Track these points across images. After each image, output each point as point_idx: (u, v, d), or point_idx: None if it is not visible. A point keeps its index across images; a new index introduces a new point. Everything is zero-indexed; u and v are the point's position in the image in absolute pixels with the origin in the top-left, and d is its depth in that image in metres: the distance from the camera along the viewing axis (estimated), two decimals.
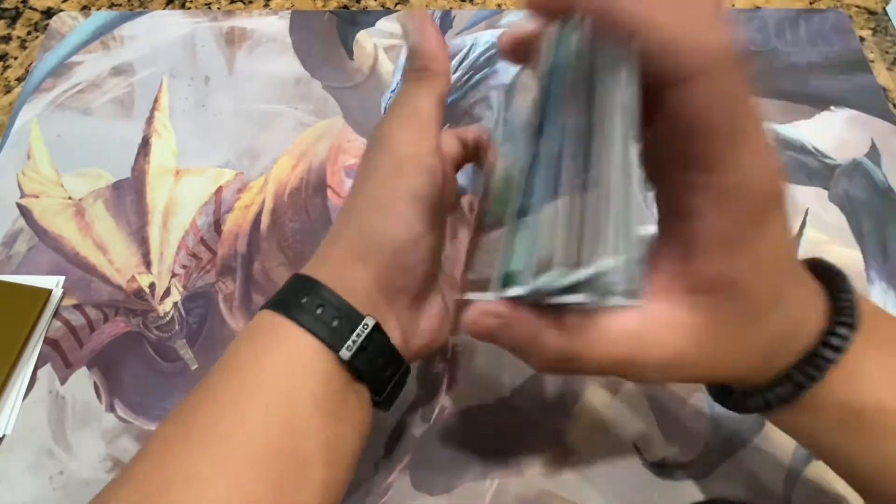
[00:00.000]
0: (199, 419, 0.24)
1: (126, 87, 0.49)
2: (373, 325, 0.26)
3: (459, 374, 0.38)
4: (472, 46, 0.50)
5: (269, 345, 0.26)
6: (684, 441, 0.36)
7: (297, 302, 0.26)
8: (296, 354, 0.25)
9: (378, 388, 0.27)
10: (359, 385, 0.26)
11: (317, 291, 0.26)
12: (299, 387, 0.25)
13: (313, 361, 0.25)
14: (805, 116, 0.47)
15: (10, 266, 0.42)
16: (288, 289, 0.27)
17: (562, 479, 0.35)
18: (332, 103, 0.48)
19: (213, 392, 0.25)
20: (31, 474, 0.35)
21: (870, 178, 0.44)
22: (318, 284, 0.26)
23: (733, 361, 0.22)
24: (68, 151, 0.46)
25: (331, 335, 0.25)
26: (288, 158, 0.46)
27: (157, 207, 0.44)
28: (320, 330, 0.25)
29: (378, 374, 0.27)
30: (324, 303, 0.26)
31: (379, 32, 0.51)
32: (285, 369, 0.25)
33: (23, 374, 0.38)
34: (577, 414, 0.37)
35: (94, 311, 0.40)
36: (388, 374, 0.27)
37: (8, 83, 0.50)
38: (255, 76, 0.49)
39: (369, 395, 0.27)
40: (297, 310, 0.26)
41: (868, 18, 0.53)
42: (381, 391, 0.27)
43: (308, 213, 0.44)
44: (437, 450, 0.36)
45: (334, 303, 0.26)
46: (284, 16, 0.52)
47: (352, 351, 0.25)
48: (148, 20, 0.52)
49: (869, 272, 0.41)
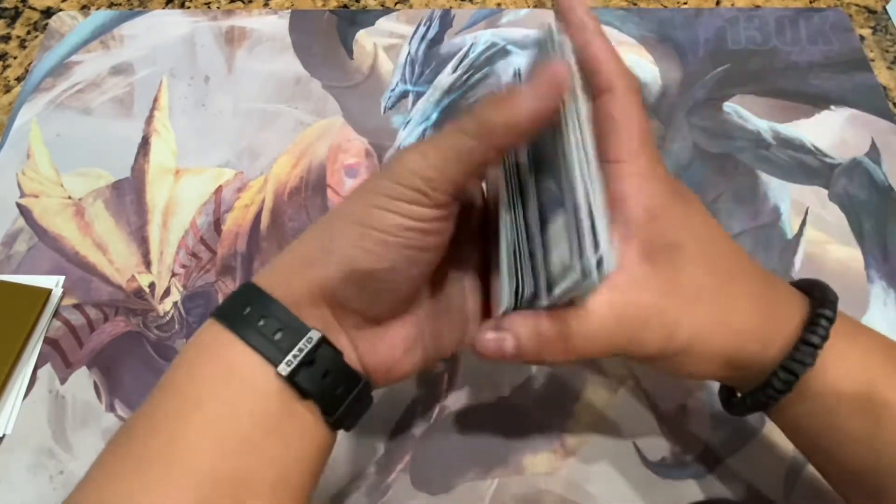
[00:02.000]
0: (136, 442, 0.23)
1: (126, 86, 0.49)
2: (318, 339, 0.24)
3: (459, 373, 0.38)
4: (472, 46, 0.50)
5: (208, 361, 0.24)
6: (684, 441, 0.36)
7: (240, 313, 0.24)
8: (234, 370, 0.24)
9: (327, 407, 0.25)
10: (308, 402, 0.24)
11: (261, 301, 0.24)
12: (236, 405, 0.23)
13: (253, 378, 0.24)
14: (805, 115, 0.47)
15: (10, 266, 0.42)
16: (234, 297, 0.25)
17: (562, 479, 0.35)
18: (331, 103, 0.48)
19: (151, 412, 0.24)
20: (31, 474, 0.35)
21: (870, 177, 0.44)
22: (262, 294, 0.25)
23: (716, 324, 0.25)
24: (68, 151, 0.46)
25: (271, 349, 0.24)
26: (288, 158, 0.46)
27: (157, 207, 0.44)
28: (260, 344, 0.24)
29: (326, 392, 0.25)
30: (267, 314, 0.24)
31: (379, 32, 0.51)
32: (222, 386, 0.24)
33: (23, 373, 0.38)
34: (577, 414, 0.37)
35: (94, 311, 0.40)
36: (339, 392, 0.25)
37: (7, 83, 0.50)
38: (255, 75, 0.49)
39: (321, 413, 0.25)
40: (239, 322, 0.24)
41: (868, 17, 0.53)
42: (331, 410, 0.25)
43: (308, 213, 0.44)
44: (437, 449, 0.36)
45: (278, 314, 0.24)
46: (284, 15, 0.52)
47: (292, 366, 0.23)
48: (147, 20, 0.52)
49: (869, 271, 0.41)
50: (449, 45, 0.50)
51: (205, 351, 0.25)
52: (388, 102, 0.48)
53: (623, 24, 0.51)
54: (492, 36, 0.50)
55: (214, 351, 0.24)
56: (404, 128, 0.47)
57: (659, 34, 0.51)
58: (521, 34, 0.51)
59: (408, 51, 0.50)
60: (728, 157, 0.45)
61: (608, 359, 0.38)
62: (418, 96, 0.48)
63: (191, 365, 0.25)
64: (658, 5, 0.54)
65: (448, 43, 0.50)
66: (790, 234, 0.42)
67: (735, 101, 0.48)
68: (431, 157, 0.24)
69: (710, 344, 0.25)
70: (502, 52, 0.50)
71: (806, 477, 0.35)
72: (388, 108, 0.48)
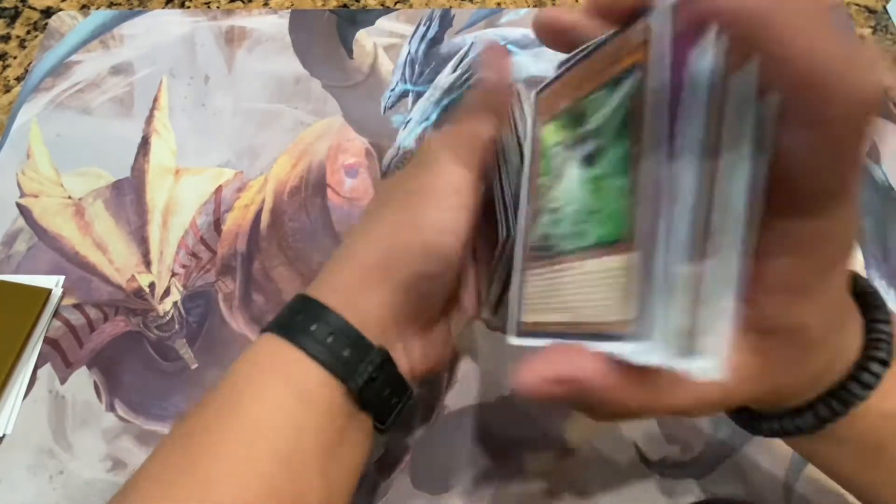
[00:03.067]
0: (198, 456, 0.23)
1: (125, 86, 0.49)
2: (383, 357, 0.25)
3: (460, 373, 0.38)
4: (472, 46, 0.50)
5: (274, 374, 0.25)
6: (684, 440, 0.36)
7: (306, 328, 0.25)
8: (302, 385, 0.24)
9: (383, 417, 0.26)
10: (363, 414, 0.26)
11: (326, 318, 0.25)
12: (304, 420, 0.24)
13: (320, 393, 0.24)
14: None
15: (9, 266, 0.42)
16: (294, 311, 0.26)
17: (562, 479, 0.35)
18: (331, 102, 0.48)
19: (213, 426, 0.24)
20: (31, 474, 0.35)
21: (870, 177, 0.44)
22: (327, 310, 0.25)
23: (774, 395, 0.21)
24: (68, 151, 0.46)
25: (341, 366, 0.24)
26: (287, 157, 0.46)
27: (157, 207, 0.44)
28: (331, 361, 0.24)
29: (385, 403, 0.26)
30: (334, 331, 0.25)
31: (379, 31, 0.51)
32: (290, 401, 0.24)
33: (23, 373, 0.38)
34: (578, 414, 0.36)
35: (93, 311, 0.40)
36: (393, 402, 0.26)
37: (7, 82, 0.50)
38: (255, 75, 0.49)
39: (372, 422, 0.26)
40: (305, 337, 0.25)
41: (868, 17, 0.53)
42: (385, 420, 0.26)
43: (308, 213, 0.43)
44: (437, 449, 0.36)
45: (345, 331, 0.25)
46: (284, 15, 0.52)
47: (362, 381, 0.25)
48: (147, 19, 0.52)
49: (869, 271, 0.41)
50: (449, 45, 0.50)
51: (270, 363, 0.25)
52: (388, 102, 0.48)
53: None
54: (492, 35, 0.50)
55: (281, 364, 0.25)
56: (404, 127, 0.47)
57: None
58: (520, 34, 0.51)
59: (408, 50, 0.50)
60: None
61: None
62: (418, 96, 0.48)
63: (258, 377, 0.25)
64: None
65: (448, 42, 0.50)
66: None
67: None
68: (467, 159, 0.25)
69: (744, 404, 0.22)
70: None
71: (806, 477, 0.35)
72: (387, 108, 0.48)
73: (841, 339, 0.21)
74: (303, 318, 0.25)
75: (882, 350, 0.21)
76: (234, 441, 0.23)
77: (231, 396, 0.25)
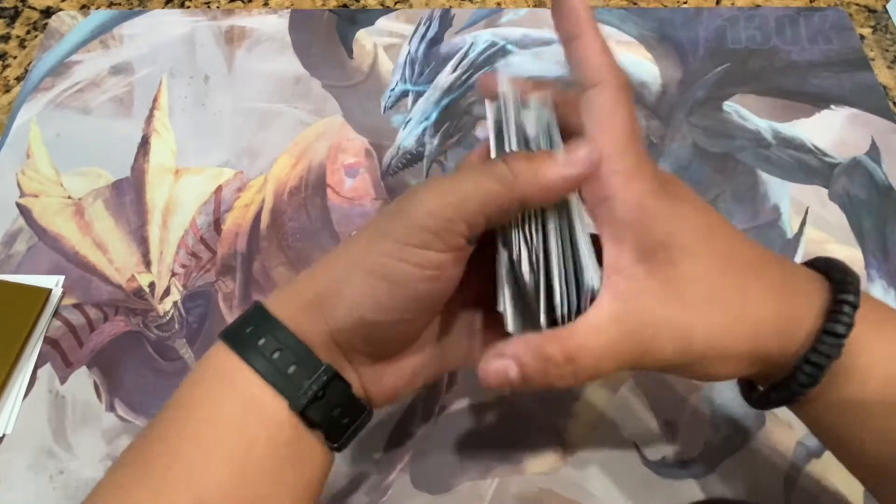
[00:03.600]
0: (154, 462, 0.24)
1: (125, 86, 0.49)
2: (330, 375, 0.25)
3: (460, 372, 0.38)
4: (472, 45, 0.50)
5: (224, 389, 0.25)
6: (684, 440, 0.36)
7: (255, 343, 0.25)
8: (251, 401, 0.24)
9: (333, 436, 0.26)
10: (315, 431, 0.25)
11: (275, 333, 0.25)
12: (255, 435, 0.24)
13: (268, 409, 0.24)
14: (805, 115, 0.47)
15: (9, 265, 0.42)
16: (247, 322, 0.26)
17: (562, 479, 0.35)
18: (331, 102, 0.48)
19: (167, 433, 0.24)
20: (31, 474, 0.35)
21: (870, 177, 0.44)
22: (277, 324, 0.25)
23: (732, 324, 0.24)
24: (67, 151, 0.46)
25: (286, 383, 0.24)
26: (287, 157, 0.46)
27: (157, 206, 0.44)
28: (275, 378, 0.24)
29: (334, 422, 0.25)
30: (281, 346, 0.24)
31: (379, 31, 0.51)
32: (241, 416, 0.24)
33: (23, 373, 0.38)
34: (577, 413, 0.37)
35: (93, 311, 0.40)
36: (345, 422, 0.26)
37: (7, 82, 0.50)
38: (255, 75, 0.49)
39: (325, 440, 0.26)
40: (253, 353, 0.24)
41: (868, 16, 0.53)
42: (336, 439, 0.26)
43: (308, 212, 0.43)
44: (438, 449, 0.36)
45: (292, 346, 0.25)
46: (284, 14, 0.52)
47: (305, 400, 0.24)
48: (147, 19, 0.52)
49: (869, 270, 0.41)
50: (449, 45, 0.50)
51: (220, 379, 0.25)
52: (388, 102, 0.48)
53: (623, 23, 0.51)
54: (491, 35, 0.50)
55: (231, 380, 0.25)
56: (404, 127, 0.47)
57: (659, 33, 0.51)
58: (520, 33, 0.51)
59: (408, 50, 0.50)
60: (728, 156, 0.45)
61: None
62: (418, 96, 0.48)
63: (209, 392, 0.25)
64: (658, 4, 0.54)
65: (448, 42, 0.50)
66: (790, 234, 0.42)
67: (735, 100, 0.47)
68: (451, 196, 0.24)
69: (728, 345, 0.24)
70: (502, 52, 0.50)
71: (806, 477, 0.35)
72: (387, 108, 0.48)
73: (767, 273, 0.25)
74: (252, 330, 0.25)
75: (850, 292, 0.24)
76: (190, 449, 0.24)
77: (187, 405, 0.25)
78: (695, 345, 0.24)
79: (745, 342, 0.24)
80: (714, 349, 0.24)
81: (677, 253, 0.23)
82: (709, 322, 0.24)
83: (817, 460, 0.35)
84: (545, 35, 0.50)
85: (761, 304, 0.24)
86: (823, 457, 0.35)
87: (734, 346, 0.24)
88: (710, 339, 0.24)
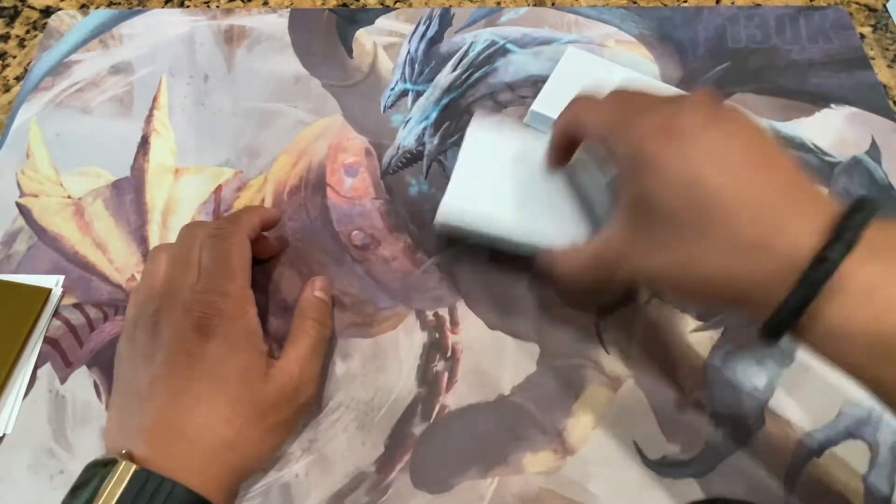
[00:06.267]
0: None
1: (125, 85, 0.49)
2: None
3: (460, 372, 0.38)
4: (472, 45, 0.50)
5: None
6: (684, 440, 0.36)
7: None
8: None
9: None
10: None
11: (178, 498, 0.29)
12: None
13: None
14: (805, 114, 0.47)
15: (9, 265, 0.42)
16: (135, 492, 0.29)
17: (562, 479, 0.35)
18: (331, 101, 0.48)
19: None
20: (31, 473, 0.35)
21: (870, 176, 0.44)
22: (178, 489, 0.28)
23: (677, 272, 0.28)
24: (67, 150, 0.46)
25: None
26: (287, 157, 0.46)
27: (157, 206, 0.44)
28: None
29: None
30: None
31: (378, 30, 0.51)
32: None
33: (23, 373, 0.38)
34: (577, 413, 0.37)
35: (93, 310, 0.40)
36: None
37: (7, 82, 0.50)
38: (255, 74, 0.49)
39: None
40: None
41: (868, 15, 0.53)
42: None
43: (308, 212, 0.43)
44: (437, 449, 0.36)
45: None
46: (283, 14, 0.52)
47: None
48: (147, 18, 0.52)
49: None
50: (448, 44, 0.50)
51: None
52: (388, 101, 0.48)
53: (623, 22, 0.51)
54: (491, 34, 0.50)
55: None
56: (404, 126, 0.47)
57: (659, 32, 0.51)
58: (520, 32, 0.51)
59: (407, 49, 0.50)
60: None
61: (608, 358, 0.38)
62: (418, 95, 0.48)
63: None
64: (658, 3, 0.54)
65: (448, 41, 0.50)
66: None
67: (735, 99, 0.47)
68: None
69: (676, 288, 0.29)
70: (502, 51, 0.50)
71: (806, 476, 0.35)
72: (387, 107, 0.48)
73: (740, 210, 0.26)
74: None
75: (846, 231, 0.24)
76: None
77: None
78: (638, 280, 0.33)
79: (695, 290, 0.28)
80: (660, 287, 0.34)
81: (651, 210, 0.28)
82: (650, 265, 0.29)
83: (817, 460, 0.35)
84: (545, 34, 0.50)
85: (716, 259, 0.26)
86: (823, 457, 0.35)
87: (682, 290, 0.29)
88: (652, 279, 0.30)
